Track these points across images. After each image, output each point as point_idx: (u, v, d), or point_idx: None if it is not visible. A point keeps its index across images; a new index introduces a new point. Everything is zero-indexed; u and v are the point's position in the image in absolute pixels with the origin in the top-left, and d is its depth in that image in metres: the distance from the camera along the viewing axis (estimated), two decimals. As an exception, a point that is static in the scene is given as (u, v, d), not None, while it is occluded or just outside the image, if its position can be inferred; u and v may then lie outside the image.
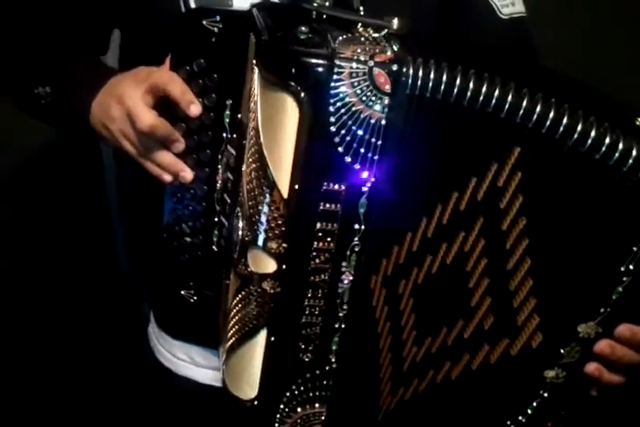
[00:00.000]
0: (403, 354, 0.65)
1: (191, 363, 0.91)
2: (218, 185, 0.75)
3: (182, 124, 0.71)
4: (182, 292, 0.81)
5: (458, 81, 0.57)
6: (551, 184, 0.59)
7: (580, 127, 0.56)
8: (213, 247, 0.78)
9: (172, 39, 0.71)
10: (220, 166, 0.74)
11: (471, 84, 0.57)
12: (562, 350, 0.65)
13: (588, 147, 0.57)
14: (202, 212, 0.77)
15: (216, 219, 0.76)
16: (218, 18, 0.68)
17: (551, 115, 0.57)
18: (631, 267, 0.60)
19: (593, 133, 0.56)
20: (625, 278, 0.60)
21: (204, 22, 0.69)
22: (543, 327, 0.64)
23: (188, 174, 0.72)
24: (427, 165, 0.60)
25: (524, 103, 0.57)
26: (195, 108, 0.69)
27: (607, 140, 0.57)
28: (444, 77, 0.56)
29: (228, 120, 0.71)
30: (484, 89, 0.57)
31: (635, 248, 0.59)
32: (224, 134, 0.72)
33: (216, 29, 0.69)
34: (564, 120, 0.56)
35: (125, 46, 0.88)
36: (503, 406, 0.70)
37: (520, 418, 0.69)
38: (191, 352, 0.91)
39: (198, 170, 0.75)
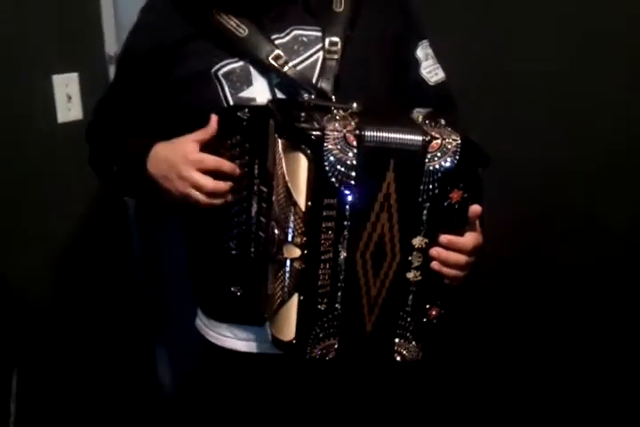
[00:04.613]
0: (371, 292, 1.07)
1: (234, 338, 1.28)
2: (253, 212, 1.16)
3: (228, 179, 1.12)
4: (232, 288, 1.21)
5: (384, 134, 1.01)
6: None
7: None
8: (251, 255, 1.18)
9: (218, 123, 1.13)
10: (253, 202, 1.16)
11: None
12: (409, 258, 1.05)
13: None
14: (242, 232, 1.17)
15: (252, 235, 1.18)
16: (246, 110, 1.11)
17: None
18: (425, 197, 1.02)
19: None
20: (425, 205, 1.02)
21: (238, 113, 1.12)
22: (401, 249, 1.06)
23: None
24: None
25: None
26: (237, 170, 1.11)
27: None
28: (383, 134, 1.02)
29: (257, 171, 1.14)
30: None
31: (422, 186, 1.01)
32: (254, 180, 1.15)
33: (245, 117, 1.12)
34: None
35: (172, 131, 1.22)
36: (395, 303, 1.07)
37: (407, 309, 1.07)
38: (234, 330, 1.28)
39: (238, 205, 1.16)
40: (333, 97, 1.13)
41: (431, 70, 1.27)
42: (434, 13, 1.46)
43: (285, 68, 1.13)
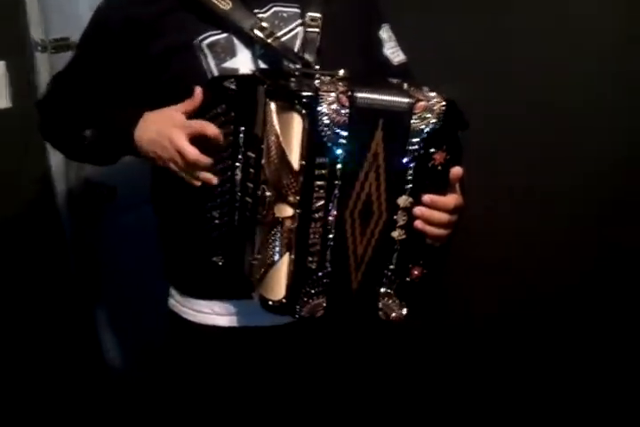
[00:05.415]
0: (357, 251, 1.12)
1: (213, 313, 1.32)
2: (237, 181, 1.18)
3: (212, 147, 1.15)
4: (214, 258, 1.23)
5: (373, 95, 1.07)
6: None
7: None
8: (235, 223, 1.21)
9: (204, 93, 1.17)
10: (237, 170, 1.19)
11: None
12: (394, 217, 1.09)
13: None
14: (225, 201, 1.19)
15: (237, 203, 1.21)
16: (233, 80, 1.15)
17: None
18: (410, 157, 1.07)
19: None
20: (410, 165, 1.07)
21: (224, 83, 1.15)
22: (387, 208, 1.11)
23: (214, 180, 1.14)
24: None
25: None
26: (221, 137, 1.14)
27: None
28: (373, 95, 1.08)
29: (242, 140, 1.17)
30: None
31: (408, 147, 1.06)
32: (239, 149, 1.19)
33: (232, 86, 1.15)
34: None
35: (153, 104, 1.26)
36: (380, 261, 1.12)
37: (391, 267, 1.11)
38: (213, 306, 1.31)
39: (222, 175, 1.18)
40: (317, 67, 1.18)
41: (394, 51, 1.35)
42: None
43: (270, 40, 1.17)
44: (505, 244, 1.82)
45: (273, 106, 1.07)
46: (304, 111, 1.04)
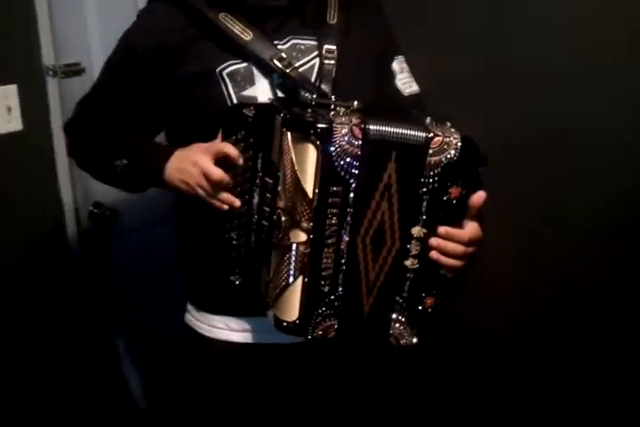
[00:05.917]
0: (369, 276, 1.16)
1: (228, 329, 1.36)
2: (254, 204, 1.23)
3: (232, 169, 1.20)
4: (231, 277, 1.27)
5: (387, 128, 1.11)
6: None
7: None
8: (252, 244, 1.26)
9: (223, 120, 1.21)
10: (255, 194, 1.23)
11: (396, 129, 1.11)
12: (408, 246, 1.13)
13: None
14: (243, 223, 1.23)
15: (254, 225, 1.26)
16: (252, 107, 1.20)
17: None
18: (425, 189, 1.10)
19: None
20: (424, 197, 1.10)
21: (244, 110, 1.21)
22: (400, 237, 1.14)
23: (237, 203, 1.20)
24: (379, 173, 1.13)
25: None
26: (240, 159, 1.21)
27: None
28: (386, 128, 1.11)
29: (259, 165, 1.22)
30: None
31: (422, 179, 1.10)
32: (257, 174, 1.23)
33: (251, 114, 1.20)
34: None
35: (174, 127, 1.36)
36: (392, 288, 1.15)
37: (404, 294, 1.14)
38: (228, 322, 1.36)
39: (240, 197, 1.23)
40: (333, 97, 1.22)
41: (405, 82, 1.38)
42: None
43: (288, 70, 1.22)
44: (517, 258, 1.83)
45: (289, 135, 1.11)
46: (318, 142, 1.08)
